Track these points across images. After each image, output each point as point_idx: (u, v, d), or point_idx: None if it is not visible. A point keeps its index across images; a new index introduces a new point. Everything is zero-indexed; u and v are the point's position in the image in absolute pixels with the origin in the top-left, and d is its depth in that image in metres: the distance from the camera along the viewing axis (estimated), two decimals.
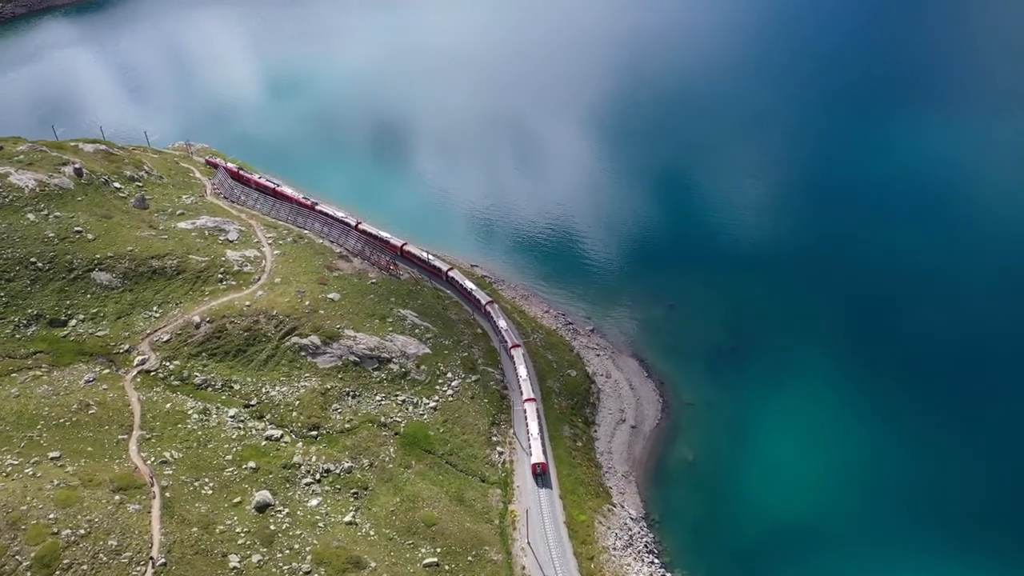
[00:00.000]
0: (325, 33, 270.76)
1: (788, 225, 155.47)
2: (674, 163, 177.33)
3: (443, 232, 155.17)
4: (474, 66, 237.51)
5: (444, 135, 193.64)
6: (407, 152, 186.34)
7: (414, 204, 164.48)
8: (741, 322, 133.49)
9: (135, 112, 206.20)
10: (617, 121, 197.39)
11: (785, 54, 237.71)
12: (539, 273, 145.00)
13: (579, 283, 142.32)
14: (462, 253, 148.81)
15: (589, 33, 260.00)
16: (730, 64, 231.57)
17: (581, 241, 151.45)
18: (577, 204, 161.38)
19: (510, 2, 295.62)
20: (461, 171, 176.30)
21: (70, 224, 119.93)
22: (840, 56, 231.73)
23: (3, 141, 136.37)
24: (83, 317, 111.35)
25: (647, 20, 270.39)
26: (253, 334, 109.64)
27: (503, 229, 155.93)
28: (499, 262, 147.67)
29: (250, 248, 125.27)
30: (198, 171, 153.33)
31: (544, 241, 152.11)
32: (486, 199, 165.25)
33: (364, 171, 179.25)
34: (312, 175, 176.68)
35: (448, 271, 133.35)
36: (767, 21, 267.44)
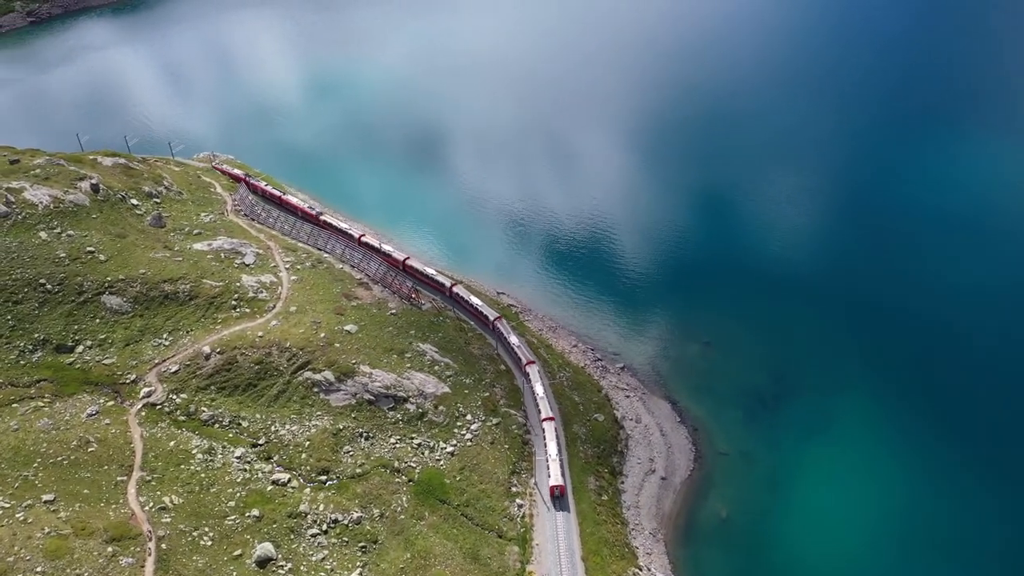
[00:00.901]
0: (358, 38, 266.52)
1: (834, 255, 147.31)
2: (712, 184, 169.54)
3: (470, 256, 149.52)
4: (508, 75, 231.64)
5: (475, 149, 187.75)
6: (437, 167, 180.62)
7: (442, 224, 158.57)
8: (781, 363, 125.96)
9: (162, 119, 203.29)
10: (652, 136, 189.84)
11: (831, 65, 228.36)
12: (568, 302, 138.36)
13: (610, 314, 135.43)
14: (489, 279, 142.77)
15: (627, 43, 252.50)
16: (773, 74, 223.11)
17: (613, 269, 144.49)
18: (609, 228, 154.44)
19: (545, 8, 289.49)
20: (491, 190, 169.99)
21: (83, 243, 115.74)
22: (890, 68, 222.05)
23: (20, 153, 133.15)
24: (91, 343, 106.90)
25: (689, 25, 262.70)
26: (264, 367, 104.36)
27: (532, 254, 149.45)
28: (527, 289, 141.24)
29: (266, 273, 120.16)
30: (220, 185, 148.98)
31: (574, 268, 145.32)
32: (516, 222, 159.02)
33: (392, 186, 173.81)
34: (337, 188, 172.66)
35: (452, 287, 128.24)
36: (814, 29, 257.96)
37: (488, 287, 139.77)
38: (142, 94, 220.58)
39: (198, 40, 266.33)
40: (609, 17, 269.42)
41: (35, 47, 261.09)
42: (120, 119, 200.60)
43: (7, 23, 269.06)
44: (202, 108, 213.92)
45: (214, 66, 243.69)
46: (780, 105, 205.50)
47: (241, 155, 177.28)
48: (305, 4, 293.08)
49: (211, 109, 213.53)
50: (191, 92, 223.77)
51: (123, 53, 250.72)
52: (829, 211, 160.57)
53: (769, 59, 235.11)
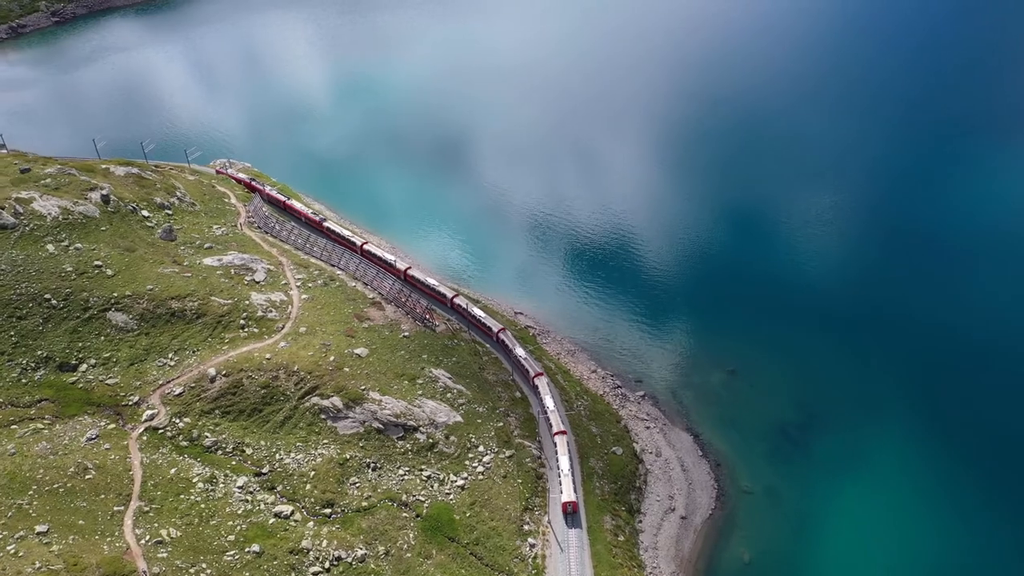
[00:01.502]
0: (381, 43, 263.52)
1: (867, 279, 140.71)
2: (739, 200, 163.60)
3: (488, 272, 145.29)
4: (531, 82, 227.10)
5: (496, 160, 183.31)
6: (458, 177, 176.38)
7: (460, 238, 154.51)
8: (809, 394, 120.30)
9: (181, 123, 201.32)
10: (678, 149, 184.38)
11: (864, 73, 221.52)
12: (588, 324, 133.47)
13: (631, 338, 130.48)
14: (507, 297, 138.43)
15: (653, 51, 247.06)
16: (803, 84, 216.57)
17: (635, 289, 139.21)
18: (632, 246, 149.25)
19: (570, 13, 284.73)
20: (511, 203, 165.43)
21: (90, 257, 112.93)
22: (929, 76, 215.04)
23: (32, 162, 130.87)
24: (94, 362, 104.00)
25: (718, 33, 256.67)
26: (271, 392, 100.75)
27: (552, 272, 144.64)
28: (545, 309, 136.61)
29: (277, 291, 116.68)
30: (234, 196, 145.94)
31: (595, 287, 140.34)
32: (536, 237, 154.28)
33: (411, 197, 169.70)
34: (355, 197, 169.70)
35: (453, 298, 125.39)
36: (846, 35, 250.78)
37: (505, 306, 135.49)
38: (161, 97, 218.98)
39: (220, 42, 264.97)
40: (636, 25, 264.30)
41: (59, 47, 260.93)
42: (138, 122, 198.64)
43: (32, 23, 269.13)
44: (221, 113, 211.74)
45: (235, 69, 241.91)
46: (810, 116, 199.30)
47: (259, 162, 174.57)
48: (329, 7, 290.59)
49: (230, 114, 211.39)
50: (211, 96, 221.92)
51: (144, 55, 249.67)
52: (862, 231, 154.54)
53: (799, 68, 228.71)
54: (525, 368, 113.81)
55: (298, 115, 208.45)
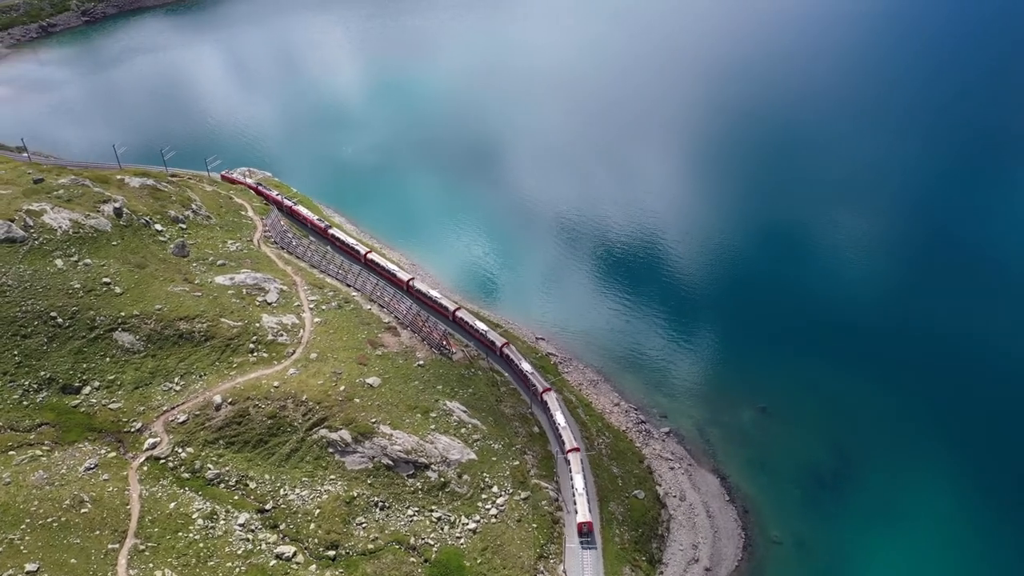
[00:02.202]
0: (411, 46, 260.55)
1: (910, 313, 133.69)
2: (773, 224, 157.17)
3: (510, 296, 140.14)
4: (563, 88, 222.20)
5: (524, 171, 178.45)
6: (484, 192, 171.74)
7: (484, 259, 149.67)
8: (846, 436, 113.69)
9: (203, 128, 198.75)
10: (711, 167, 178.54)
11: (914, 88, 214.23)
12: (612, 352, 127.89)
13: (657, 369, 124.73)
14: (529, 323, 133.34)
15: (689, 61, 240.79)
16: (846, 98, 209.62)
17: (662, 318, 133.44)
18: (660, 272, 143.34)
19: (603, 21, 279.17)
20: (536, 223, 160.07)
21: (99, 274, 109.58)
22: (984, 92, 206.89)
23: (46, 171, 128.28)
24: (98, 384, 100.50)
25: (765, 44, 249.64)
26: (278, 422, 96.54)
27: (576, 296, 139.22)
28: (569, 336, 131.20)
29: (289, 313, 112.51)
30: (251, 208, 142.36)
31: (620, 314, 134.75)
32: (561, 260, 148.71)
33: (433, 211, 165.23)
34: (376, 208, 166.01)
35: (455, 311, 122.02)
36: (894, 48, 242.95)
37: (527, 331, 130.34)
38: (186, 101, 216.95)
39: (246, 45, 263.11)
40: (669, 30, 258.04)
41: (87, 47, 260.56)
42: (161, 127, 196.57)
43: (62, 22, 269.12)
44: (244, 119, 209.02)
45: (260, 74, 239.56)
46: (848, 129, 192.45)
47: (281, 172, 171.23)
48: (357, 10, 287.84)
49: (253, 120, 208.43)
50: (235, 101, 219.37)
51: (171, 57, 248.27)
52: (903, 257, 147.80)
53: (837, 78, 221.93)
54: (533, 383, 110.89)
55: (323, 122, 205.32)
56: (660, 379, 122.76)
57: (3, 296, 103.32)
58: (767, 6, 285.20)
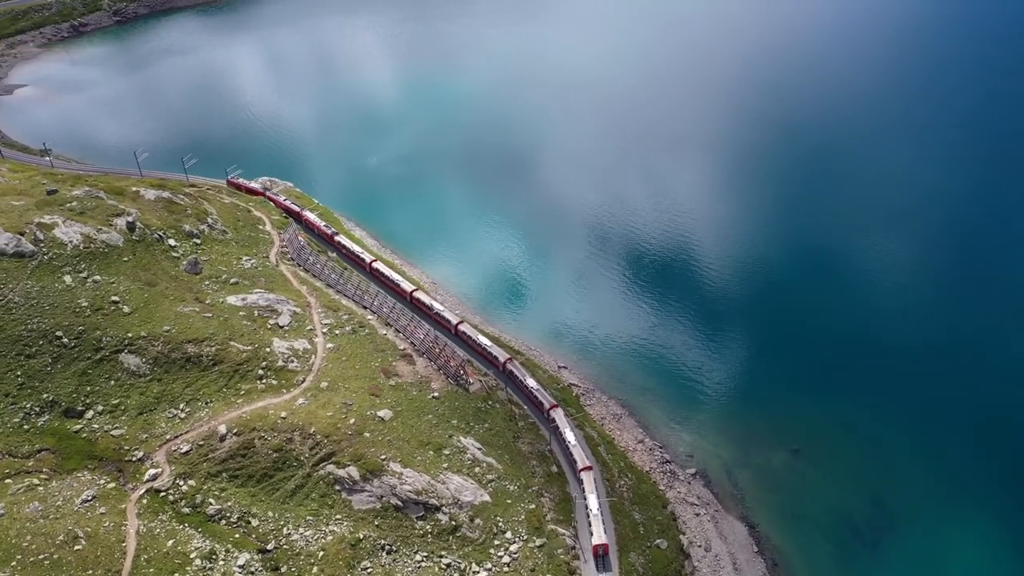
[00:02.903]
0: (442, 52, 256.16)
1: (960, 350, 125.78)
2: (811, 248, 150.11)
3: (532, 319, 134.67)
4: (597, 97, 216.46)
5: (553, 186, 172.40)
6: (509, 207, 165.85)
7: (507, 280, 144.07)
8: (886, 484, 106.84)
9: (226, 136, 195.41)
10: (748, 186, 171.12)
11: (955, 103, 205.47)
12: (637, 384, 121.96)
13: (684, 403, 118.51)
14: (552, 349, 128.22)
15: (733, 68, 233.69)
16: (892, 114, 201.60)
17: (691, 349, 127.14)
18: (690, 301, 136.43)
19: (651, 22, 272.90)
20: (561, 243, 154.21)
21: (108, 292, 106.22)
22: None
23: (61, 181, 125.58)
24: (102, 408, 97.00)
25: (803, 55, 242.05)
26: (284, 456, 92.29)
27: (601, 323, 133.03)
28: (593, 365, 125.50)
29: (301, 338, 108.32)
30: (269, 222, 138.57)
31: (647, 343, 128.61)
32: (586, 283, 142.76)
33: (457, 226, 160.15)
34: (396, 221, 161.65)
35: (458, 324, 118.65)
36: (937, 63, 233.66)
37: (549, 359, 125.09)
38: (210, 105, 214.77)
39: (276, 49, 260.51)
40: (709, 45, 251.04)
41: (117, 48, 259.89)
42: (185, 132, 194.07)
43: (93, 22, 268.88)
44: (269, 126, 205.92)
45: (288, 79, 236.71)
46: (893, 147, 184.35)
47: (305, 183, 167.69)
48: (388, 14, 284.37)
49: (279, 128, 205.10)
50: (260, 107, 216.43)
51: (199, 59, 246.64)
52: (957, 292, 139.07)
53: (884, 94, 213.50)
54: (539, 400, 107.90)
55: (348, 131, 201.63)
56: (687, 414, 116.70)
57: (9, 314, 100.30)
58: (809, 18, 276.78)
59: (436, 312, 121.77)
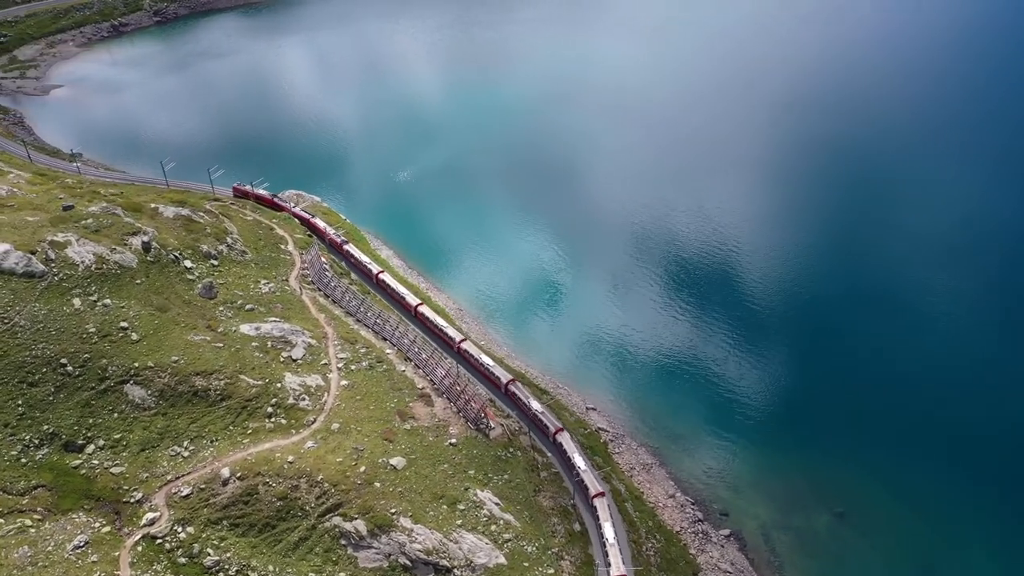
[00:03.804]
0: (482, 59, 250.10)
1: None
2: (860, 285, 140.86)
3: (564, 354, 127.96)
4: (644, 111, 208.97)
5: (595, 209, 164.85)
6: (547, 230, 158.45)
7: (540, 311, 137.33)
8: (939, 553, 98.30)
9: (256, 146, 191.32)
10: (794, 212, 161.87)
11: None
12: (670, 431, 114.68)
13: (720, 455, 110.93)
14: (580, 388, 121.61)
15: (785, 82, 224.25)
16: (952, 136, 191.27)
17: (729, 395, 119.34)
18: (729, 342, 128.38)
19: (699, 31, 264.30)
20: (596, 270, 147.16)
21: (117, 317, 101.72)
22: None
23: (79, 195, 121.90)
24: (103, 443, 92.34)
25: (858, 71, 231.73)
26: (288, 504, 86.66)
27: (635, 361, 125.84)
28: (623, 407, 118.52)
29: (314, 373, 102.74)
30: (292, 241, 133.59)
31: (683, 386, 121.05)
32: (621, 316, 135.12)
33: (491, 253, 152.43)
34: (428, 241, 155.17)
35: (460, 342, 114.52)
36: (998, 83, 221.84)
37: (577, 398, 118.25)
38: (241, 111, 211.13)
39: (313, 54, 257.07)
40: (760, 58, 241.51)
41: (155, 49, 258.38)
42: (214, 139, 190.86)
43: (133, 22, 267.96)
44: (299, 134, 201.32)
45: (323, 87, 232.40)
46: (952, 171, 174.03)
47: (334, 199, 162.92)
48: (428, 20, 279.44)
49: (311, 139, 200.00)
50: (291, 114, 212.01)
51: (235, 63, 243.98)
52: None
53: (942, 113, 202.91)
54: (544, 424, 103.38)
55: (384, 143, 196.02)
56: (724, 467, 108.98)
57: (14, 338, 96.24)
58: (862, 31, 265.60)
59: (440, 328, 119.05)
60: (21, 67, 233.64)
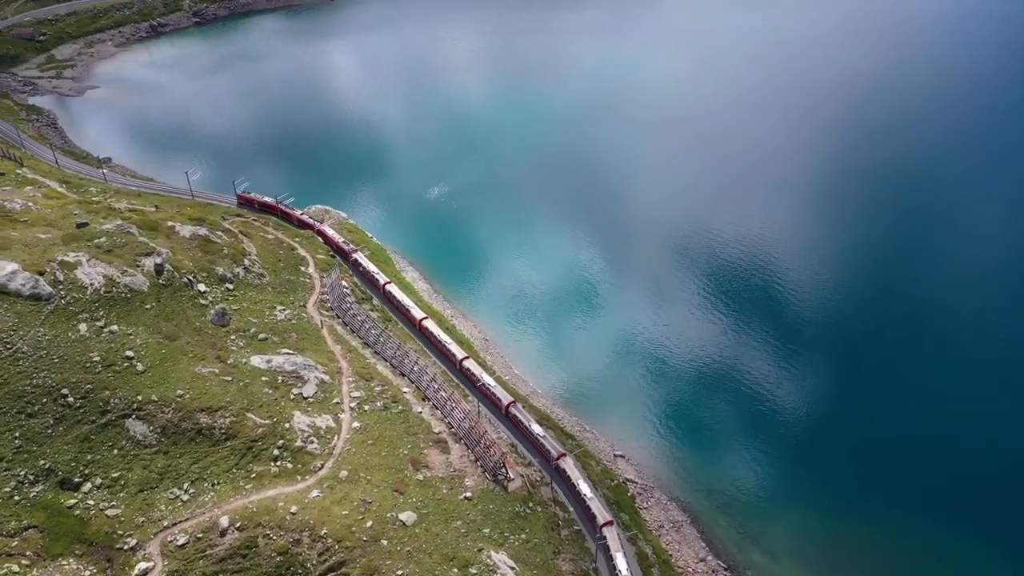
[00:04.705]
0: (521, 69, 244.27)
1: None
2: (943, 328, 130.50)
3: (595, 392, 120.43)
4: (689, 127, 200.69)
5: (634, 234, 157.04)
6: (585, 252, 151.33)
7: (570, 341, 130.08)
8: None
9: (283, 155, 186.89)
10: (860, 253, 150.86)
11: None
12: (704, 484, 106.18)
13: (758, 514, 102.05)
14: (609, 432, 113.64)
15: (841, 102, 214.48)
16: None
17: (769, 447, 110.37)
18: (775, 386, 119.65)
19: (748, 42, 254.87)
20: (639, 296, 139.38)
21: (123, 345, 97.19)
22: None
23: (95, 211, 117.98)
24: (100, 482, 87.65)
25: (922, 92, 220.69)
26: (288, 560, 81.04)
27: (672, 405, 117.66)
28: (653, 454, 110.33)
29: (325, 413, 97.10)
30: (314, 263, 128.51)
31: (721, 434, 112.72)
32: (655, 354, 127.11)
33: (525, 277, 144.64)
34: (457, 267, 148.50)
35: (463, 360, 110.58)
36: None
37: (604, 443, 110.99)
38: (272, 119, 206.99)
39: (349, 59, 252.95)
40: (813, 68, 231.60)
41: (193, 51, 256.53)
42: (245, 147, 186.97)
43: (172, 22, 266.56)
44: (331, 146, 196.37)
45: (356, 94, 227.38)
46: None
47: (357, 215, 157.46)
48: (469, 26, 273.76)
49: (344, 150, 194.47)
50: (326, 125, 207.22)
51: (270, 67, 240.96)
52: None
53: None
54: (546, 449, 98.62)
55: (417, 155, 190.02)
56: (760, 529, 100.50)
57: (15, 365, 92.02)
58: (929, 50, 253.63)
59: (443, 344, 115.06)
60: (59, 66, 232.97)
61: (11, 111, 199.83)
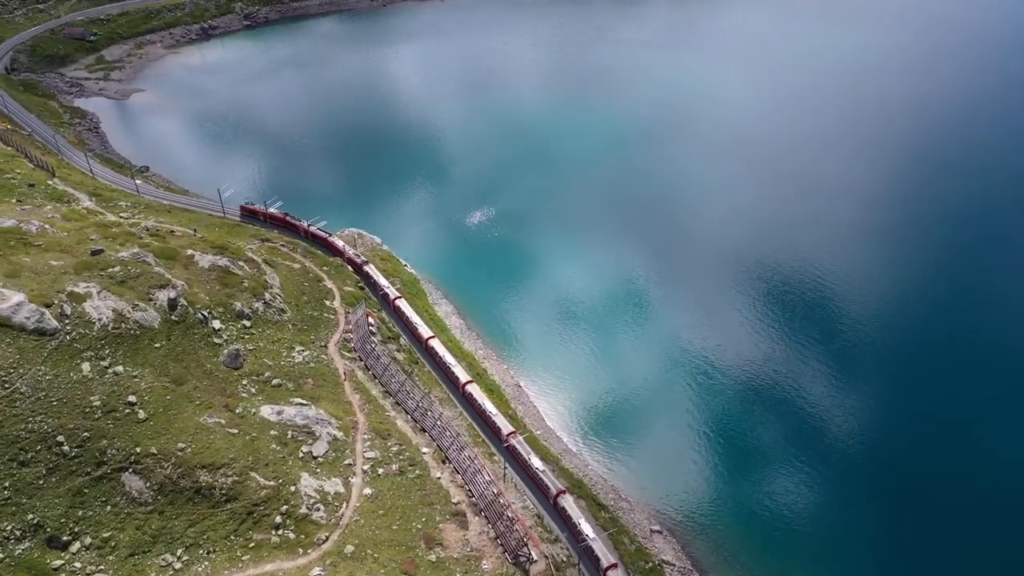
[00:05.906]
0: (576, 82, 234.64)
1: None
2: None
3: (637, 455, 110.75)
4: (758, 150, 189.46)
5: (694, 272, 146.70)
6: (640, 299, 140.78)
7: (611, 388, 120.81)
8: None
9: (322, 176, 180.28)
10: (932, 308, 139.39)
11: None
12: (750, 571, 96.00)
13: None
14: (648, 498, 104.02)
15: (925, 135, 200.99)
16: None
17: (829, 528, 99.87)
18: (844, 469, 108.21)
19: (819, 60, 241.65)
20: (691, 351, 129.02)
21: (127, 389, 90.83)
22: None
23: (112, 237, 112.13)
24: (90, 542, 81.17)
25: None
26: None
27: (722, 474, 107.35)
28: (696, 532, 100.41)
29: (335, 475, 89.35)
30: (340, 295, 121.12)
31: (773, 516, 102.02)
32: (714, 414, 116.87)
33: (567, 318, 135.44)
34: (497, 303, 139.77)
35: (466, 384, 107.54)
36: None
37: (641, 518, 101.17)
38: (316, 129, 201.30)
39: (398, 68, 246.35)
40: (893, 93, 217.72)
41: (242, 55, 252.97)
42: (283, 161, 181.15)
43: (223, 25, 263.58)
44: (374, 161, 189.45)
45: (405, 105, 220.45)
46: None
47: (390, 239, 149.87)
48: (522, 37, 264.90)
49: (382, 169, 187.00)
50: (368, 136, 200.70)
51: (319, 74, 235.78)
52: None
53: None
54: (545, 484, 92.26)
55: (462, 177, 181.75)
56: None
57: (12, 407, 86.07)
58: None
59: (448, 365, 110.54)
60: (107, 67, 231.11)
61: (55, 114, 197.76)
